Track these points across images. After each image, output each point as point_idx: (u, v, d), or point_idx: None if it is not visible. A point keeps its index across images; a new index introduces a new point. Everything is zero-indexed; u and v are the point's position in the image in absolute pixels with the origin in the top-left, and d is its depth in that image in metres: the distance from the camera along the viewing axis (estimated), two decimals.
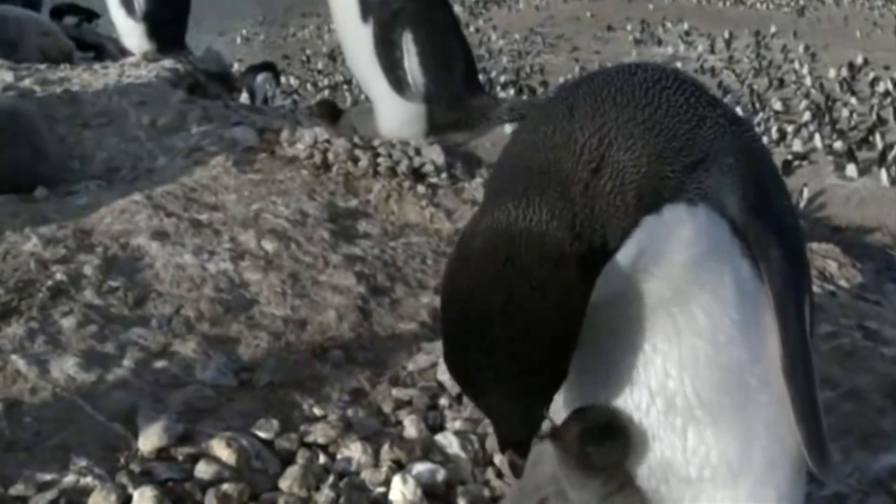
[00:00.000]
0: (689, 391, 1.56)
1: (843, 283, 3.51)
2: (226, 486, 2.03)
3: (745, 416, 1.59)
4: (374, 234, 3.43)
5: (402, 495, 2.07)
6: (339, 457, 2.21)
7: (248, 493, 2.05)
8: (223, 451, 2.13)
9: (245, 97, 8.44)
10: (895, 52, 30.98)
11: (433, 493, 2.12)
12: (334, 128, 4.48)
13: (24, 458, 2.08)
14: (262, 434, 2.25)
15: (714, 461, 1.61)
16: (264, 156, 4.05)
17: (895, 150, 22.49)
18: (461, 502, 2.12)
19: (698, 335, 1.53)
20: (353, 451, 2.21)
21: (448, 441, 2.29)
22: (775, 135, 24.64)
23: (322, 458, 2.20)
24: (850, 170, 22.02)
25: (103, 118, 4.45)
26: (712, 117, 1.50)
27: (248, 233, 3.26)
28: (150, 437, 2.15)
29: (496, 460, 2.19)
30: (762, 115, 26.54)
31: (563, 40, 36.54)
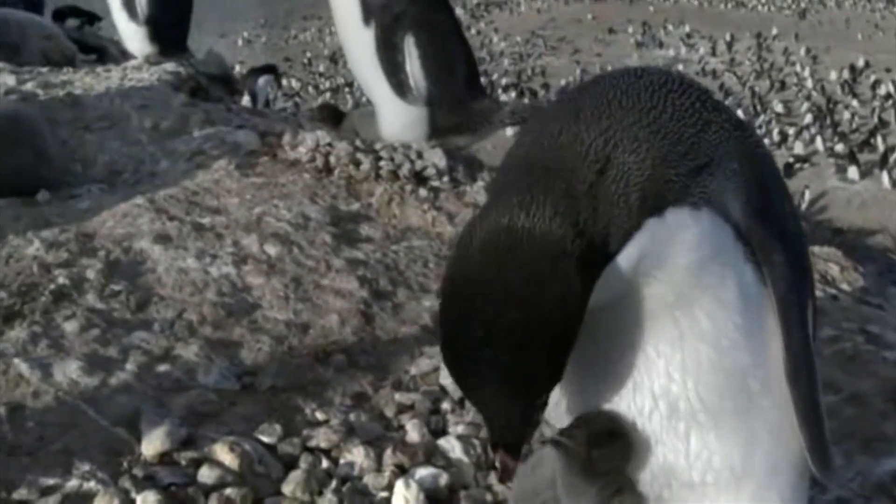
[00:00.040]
0: (692, 395, 1.56)
1: (845, 287, 3.51)
2: (229, 490, 2.03)
3: (748, 420, 1.59)
4: (376, 238, 3.43)
5: (404, 500, 2.06)
6: (341, 461, 2.21)
7: (250, 497, 2.05)
8: (226, 455, 2.13)
9: (247, 100, 8.45)
10: None
11: (436, 498, 2.11)
12: (336, 131, 4.48)
13: (26, 463, 2.08)
14: (265, 438, 2.25)
15: (717, 466, 1.61)
16: (266, 159, 4.04)
17: None
18: None
19: (701, 339, 1.53)
20: (356, 455, 2.20)
21: (450, 445, 2.29)
22: (777, 137, 24.64)
23: (325, 463, 2.20)
24: (852, 172, 22.01)
25: (105, 121, 4.45)
26: (717, 122, 1.51)
27: (250, 236, 3.26)
28: (152, 442, 2.15)
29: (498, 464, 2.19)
30: (763, 118, 26.54)
31: (565, 43, 36.55)
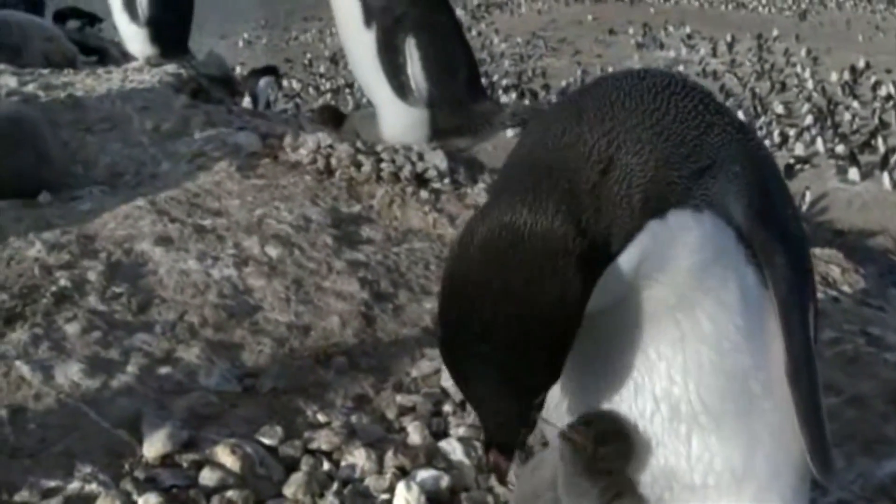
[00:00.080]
0: (694, 397, 1.56)
1: (846, 289, 3.51)
2: (230, 492, 2.03)
3: (749, 422, 1.59)
4: (378, 240, 3.43)
5: (405, 502, 2.07)
6: (343, 463, 2.21)
7: (252, 499, 2.05)
8: (227, 457, 2.13)
9: (248, 101, 8.45)
10: None
11: (437, 500, 2.12)
12: (337, 133, 4.48)
13: (28, 465, 2.08)
14: (266, 441, 2.25)
15: (718, 468, 1.61)
16: (267, 161, 4.04)
17: None
18: None
19: (703, 341, 1.53)
20: (357, 457, 2.21)
21: (452, 447, 2.29)
22: (777, 138, 24.61)
23: (326, 465, 2.20)
24: (853, 173, 21.98)
25: (107, 123, 4.46)
26: (720, 125, 1.51)
27: (251, 238, 3.26)
28: (154, 444, 2.15)
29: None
30: (764, 119, 26.51)
31: (566, 44, 36.53)
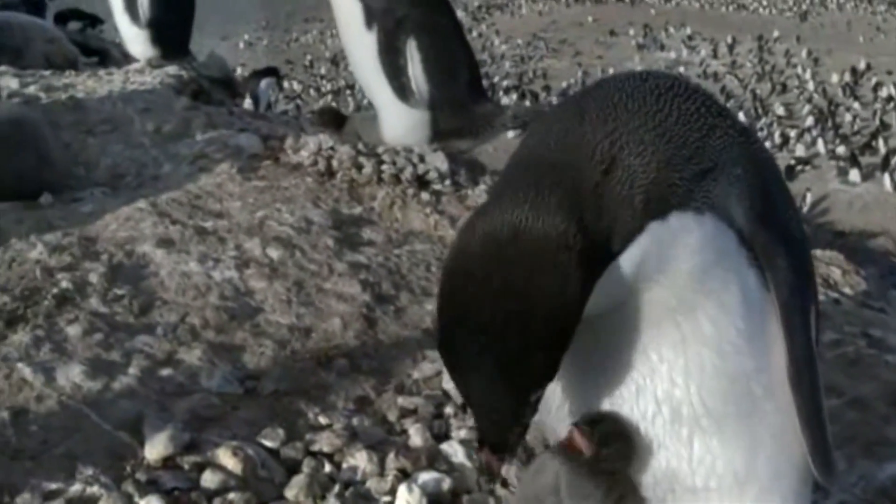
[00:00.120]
0: (696, 400, 1.57)
1: (847, 291, 3.51)
2: (232, 495, 2.03)
3: (751, 425, 1.59)
4: (379, 242, 3.43)
5: None
6: (344, 466, 2.20)
7: (254, 502, 2.05)
8: (229, 459, 2.13)
9: (248, 103, 8.46)
10: None
11: (438, 503, 2.11)
12: (338, 134, 4.49)
13: (30, 467, 2.07)
14: (268, 443, 2.25)
15: (720, 470, 1.61)
16: (269, 163, 4.05)
17: None
18: None
19: (704, 344, 1.54)
20: (359, 459, 2.20)
21: (453, 450, 2.29)
22: (778, 140, 24.58)
23: (328, 467, 2.20)
24: (853, 175, 21.96)
25: (108, 125, 4.46)
26: (722, 127, 1.52)
27: (253, 240, 3.26)
28: (156, 446, 2.15)
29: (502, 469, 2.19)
30: (765, 120, 26.48)
31: (566, 45, 36.51)
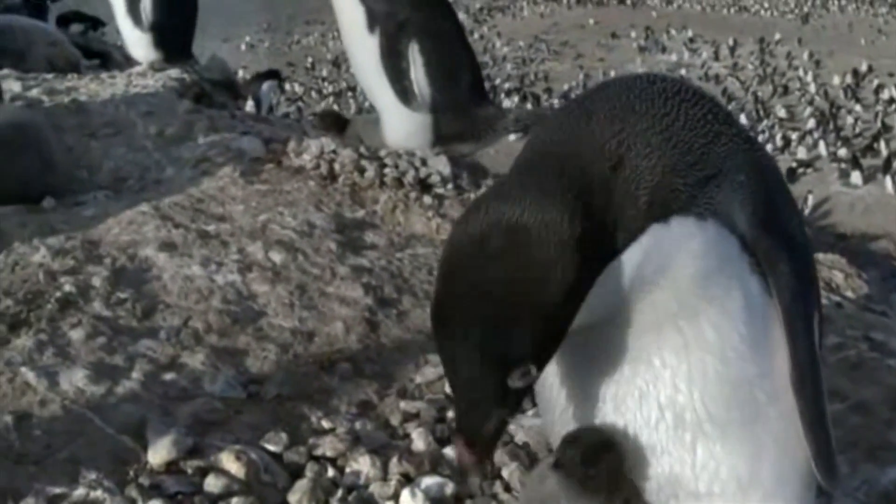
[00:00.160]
0: (699, 406, 1.57)
1: (850, 294, 3.51)
2: (235, 499, 2.03)
3: (754, 430, 1.60)
4: (381, 245, 3.43)
5: None
6: (347, 470, 2.20)
7: None
8: (232, 464, 2.13)
9: (250, 105, 8.46)
10: None
11: None
12: (340, 138, 4.49)
13: (33, 472, 2.07)
14: (271, 447, 2.25)
15: (723, 476, 1.61)
16: (271, 166, 4.05)
17: None
18: None
19: (707, 350, 1.54)
20: (362, 464, 2.20)
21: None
22: (780, 142, 24.56)
23: (331, 472, 2.19)
24: (855, 177, 21.95)
25: (110, 128, 4.47)
26: (728, 134, 1.52)
27: (255, 244, 3.26)
28: (159, 451, 2.15)
29: (504, 474, 2.19)
30: (766, 123, 26.46)
31: (568, 47, 36.50)
